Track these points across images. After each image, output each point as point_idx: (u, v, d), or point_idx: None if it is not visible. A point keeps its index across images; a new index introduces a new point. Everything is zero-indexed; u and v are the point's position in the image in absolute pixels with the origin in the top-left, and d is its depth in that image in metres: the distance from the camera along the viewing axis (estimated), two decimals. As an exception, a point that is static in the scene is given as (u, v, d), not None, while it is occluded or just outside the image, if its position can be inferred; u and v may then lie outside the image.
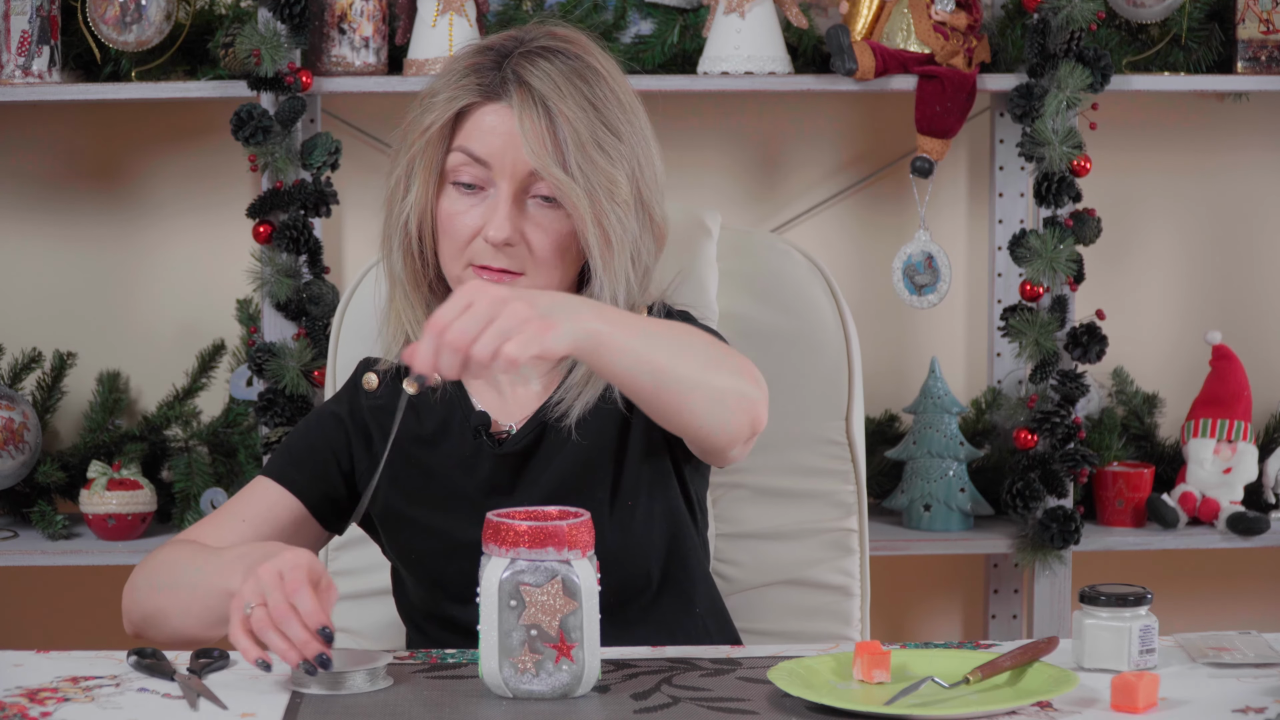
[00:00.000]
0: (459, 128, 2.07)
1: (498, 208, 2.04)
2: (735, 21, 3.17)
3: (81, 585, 3.50)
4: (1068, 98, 3.16)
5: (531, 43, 2.08)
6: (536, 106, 2.03)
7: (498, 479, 2.12)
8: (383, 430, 2.12)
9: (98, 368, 3.43)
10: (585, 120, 2.03)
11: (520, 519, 1.82)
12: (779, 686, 1.81)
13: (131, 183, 3.45)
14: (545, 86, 2.03)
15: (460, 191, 2.07)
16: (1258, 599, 3.64)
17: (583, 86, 2.05)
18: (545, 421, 2.12)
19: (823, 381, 2.42)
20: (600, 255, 2.05)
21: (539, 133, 2.02)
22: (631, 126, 2.08)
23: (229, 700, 1.82)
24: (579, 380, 2.10)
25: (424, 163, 2.07)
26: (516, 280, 2.06)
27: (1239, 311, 3.59)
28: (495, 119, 2.05)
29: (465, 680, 1.87)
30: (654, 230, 2.11)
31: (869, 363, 3.30)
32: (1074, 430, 3.24)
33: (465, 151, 2.06)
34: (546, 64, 2.05)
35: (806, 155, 3.52)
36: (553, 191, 2.04)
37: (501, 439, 2.13)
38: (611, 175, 2.04)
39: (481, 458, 2.12)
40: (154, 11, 3.15)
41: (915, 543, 3.30)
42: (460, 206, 2.07)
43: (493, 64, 2.06)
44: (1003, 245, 3.39)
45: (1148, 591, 1.92)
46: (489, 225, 2.04)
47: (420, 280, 2.12)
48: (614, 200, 2.04)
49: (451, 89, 2.06)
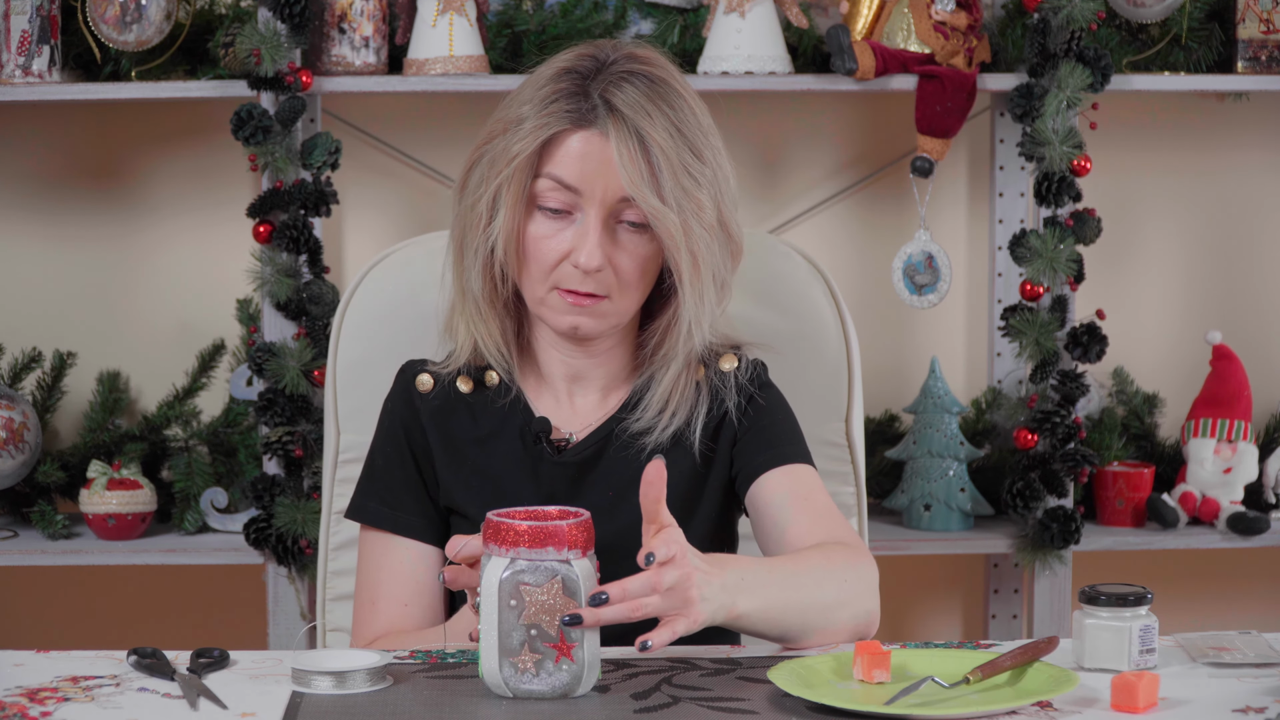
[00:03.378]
0: (546, 154, 2.07)
1: (588, 235, 2.06)
2: (735, 21, 3.17)
3: (81, 585, 3.50)
4: (1068, 97, 3.16)
5: (614, 66, 2.08)
6: (630, 134, 2.04)
7: (555, 488, 2.14)
8: (439, 432, 2.16)
9: (98, 368, 3.43)
10: (674, 146, 2.05)
11: (520, 518, 1.82)
12: (779, 686, 1.81)
13: (131, 183, 3.45)
14: (635, 113, 2.05)
15: (547, 216, 2.08)
16: (1258, 599, 3.64)
17: (668, 110, 2.07)
18: (609, 437, 2.15)
19: (822, 383, 2.42)
20: (689, 278, 2.08)
21: (634, 161, 2.04)
22: (712, 148, 2.10)
23: (229, 700, 1.82)
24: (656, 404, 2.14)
25: (511, 190, 2.07)
26: (600, 303, 2.08)
27: (1239, 311, 3.59)
28: (585, 146, 2.06)
29: (465, 680, 1.87)
30: (731, 246, 2.14)
31: (869, 363, 3.30)
32: (1074, 430, 3.24)
33: (554, 179, 2.07)
34: (632, 88, 2.06)
35: (806, 155, 3.52)
36: (644, 217, 2.06)
37: (561, 446, 2.15)
38: (699, 199, 2.07)
39: (541, 464, 2.15)
40: (154, 11, 3.15)
41: (915, 543, 3.30)
42: (547, 230, 2.08)
43: (578, 89, 2.07)
44: (1003, 245, 3.39)
45: (1148, 591, 1.92)
46: (579, 252, 2.06)
47: (496, 298, 2.15)
48: (702, 224, 2.07)
49: (539, 116, 2.06)
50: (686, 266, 2.07)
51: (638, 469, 2.12)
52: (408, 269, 2.45)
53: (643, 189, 2.03)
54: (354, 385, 2.43)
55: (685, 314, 2.10)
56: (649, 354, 2.17)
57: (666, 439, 2.15)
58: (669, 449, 2.15)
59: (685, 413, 2.15)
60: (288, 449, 3.14)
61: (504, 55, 3.24)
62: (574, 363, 2.17)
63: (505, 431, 2.17)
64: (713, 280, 2.10)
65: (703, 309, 2.10)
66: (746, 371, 2.19)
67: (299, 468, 3.16)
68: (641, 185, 2.03)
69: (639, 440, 2.15)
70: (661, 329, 2.15)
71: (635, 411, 2.15)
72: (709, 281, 2.10)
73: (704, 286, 2.09)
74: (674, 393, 2.15)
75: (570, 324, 2.10)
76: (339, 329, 2.44)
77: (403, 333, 2.41)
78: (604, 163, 2.05)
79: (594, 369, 2.18)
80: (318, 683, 1.85)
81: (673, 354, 2.13)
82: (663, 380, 2.15)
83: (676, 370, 2.14)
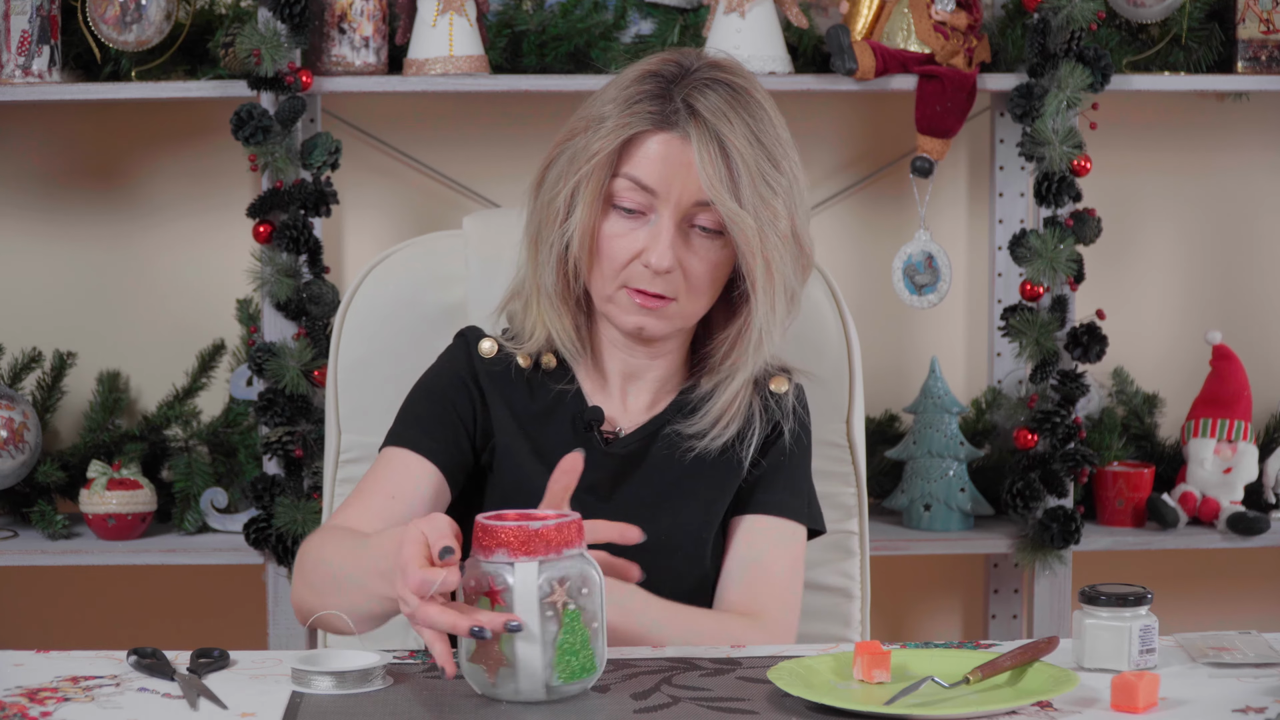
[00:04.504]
0: (625, 154, 2.09)
1: (660, 236, 2.08)
2: (735, 21, 3.17)
3: (81, 585, 3.50)
4: (1068, 97, 3.16)
5: (698, 73, 2.10)
6: (711, 138, 2.06)
7: (598, 476, 2.15)
8: (497, 394, 2.17)
9: (98, 368, 3.43)
10: (752, 153, 2.07)
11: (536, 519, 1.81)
12: (779, 686, 1.81)
13: (131, 183, 3.45)
14: (717, 118, 2.06)
15: (622, 215, 2.10)
16: (1258, 599, 3.64)
17: (749, 119, 2.08)
18: (657, 435, 2.18)
19: (823, 384, 2.42)
20: (762, 287, 2.10)
21: (715, 164, 2.05)
22: (789, 160, 2.12)
23: (229, 700, 1.82)
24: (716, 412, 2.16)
25: (589, 187, 2.09)
26: (667, 306, 2.10)
27: (1239, 311, 3.59)
28: (666, 148, 2.07)
29: (465, 680, 1.87)
30: (803, 260, 2.15)
31: (869, 363, 3.30)
32: (1074, 430, 3.24)
33: (632, 179, 2.09)
34: (715, 95, 2.08)
35: (806, 155, 3.47)
36: (720, 223, 2.08)
37: (610, 439, 2.18)
38: (775, 208, 2.08)
39: (590, 452, 2.13)
40: (154, 11, 3.15)
41: (915, 543, 3.30)
42: (621, 229, 2.10)
43: (661, 92, 2.08)
44: (1003, 245, 3.39)
45: (1148, 591, 1.92)
46: (651, 252, 2.08)
47: (569, 294, 2.17)
48: (777, 232, 2.09)
49: (622, 116, 2.08)
50: (760, 273, 2.09)
51: (681, 473, 2.17)
52: (409, 269, 2.45)
53: (721, 192, 2.05)
54: (355, 385, 2.43)
55: (757, 322, 2.12)
56: (717, 362, 2.19)
57: (715, 449, 2.17)
58: (715, 458, 2.17)
59: (736, 426, 2.17)
60: (288, 449, 3.14)
61: (504, 55, 3.24)
62: (633, 362, 2.19)
63: (558, 414, 2.19)
64: (784, 291, 2.12)
65: (774, 319, 2.12)
66: (797, 395, 2.23)
67: (299, 468, 3.16)
68: (720, 188, 2.05)
69: (687, 443, 2.17)
70: (731, 338, 2.17)
71: (690, 416, 2.18)
72: (780, 291, 2.11)
73: (776, 295, 2.11)
74: (734, 404, 2.17)
75: (636, 324, 2.12)
76: (340, 329, 2.44)
77: (404, 333, 2.41)
78: (683, 165, 2.07)
79: (649, 370, 2.20)
80: (318, 683, 1.85)
81: (742, 363, 2.15)
82: (726, 389, 2.17)
83: (741, 381, 2.16)
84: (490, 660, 1.79)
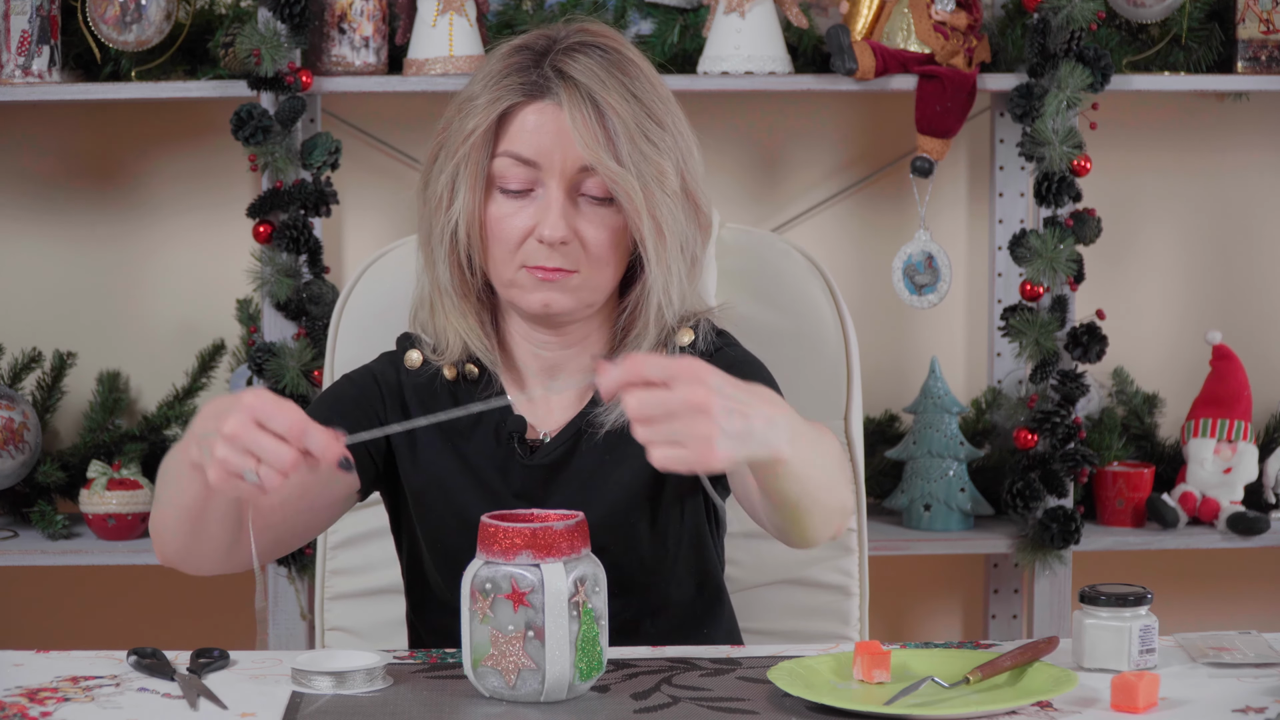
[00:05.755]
0: (502, 131, 2.03)
1: (550, 207, 2.02)
2: (735, 21, 3.17)
3: (81, 585, 3.50)
4: (1068, 97, 3.16)
5: (566, 39, 2.05)
6: (584, 100, 2.00)
7: (529, 488, 2.09)
8: (421, 407, 2.09)
9: (98, 368, 3.43)
10: (631, 111, 2.01)
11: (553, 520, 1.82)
12: (779, 686, 1.81)
13: (131, 183, 3.45)
14: (590, 80, 2.01)
15: (508, 196, 2.04)
16: (1258, 599, 3.64)
17: (624, 79, 2.03)
18: (580, 432, 2.10)
19: (821, 382, 2.42)
20: (654, 247, 2.03)
21: (590, 126, 2.00)
22: (673, 116, 2.06)
23: (229, 700, 1.82)
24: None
25: (469, 169, 2.04)
26: (569, 278, 2.03)
27: (1239, 311, 3.59)
28: (540, 117, 2.02)
29: (465, 680, 1.87)
30: (699, 219, 2.09)
31: (869, 362, 3.30)
32: (1074, 430, 3.24)
33: (512, 155, 2.03)
34: (586, 58, 2.02)
35: (806, 155, 3.52)
36: (605, 187, 2.02)
37: (535, 447, 2.11)
38: (660, 165, 2.03)
39: (512, 464, 2.10)
40: (154, 11, 3.15)
41: (915, 542, 3.30)
42: (509, 209, 2.04)
43: (531, 62, 2.03)
44: (1003, 245, 3.39)
45: (1148, 591, 1.92)
46: (543, 225, 2.02)
47: (469, 290, 2.10)
48: (664, 190, 2.03)
49: (491, 91, 2.03)
50: (650, 233, 2.03)
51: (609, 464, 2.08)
52: (404, 267, 2.44)
53: (600, 153, 2.00)
54: (353, 385, 2.42)
55: (654, 285, 2.05)
56: (620, 335, 2.11)
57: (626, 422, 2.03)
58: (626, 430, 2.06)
59: None
60: (288, 449, 3.13)
61: (504, 55, 3.24)
62: (548, 355, 2.12)
63: (481, 426, 2.11)
64: (680, 251, 2.05)
65: (671, 280, 2.05)
66: (706, 340, 2.12)
67: (299, 468, 3.15)
68: (598, 149, 2.00)
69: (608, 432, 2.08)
70: (631, 305, 2.10)
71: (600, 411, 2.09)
72: (675, 251, 2.05)
73: (670, 256, 2.04)
74: None
75: (541, 300, 2.04)
76: (336, 328, 2.45)
77: (399, 330, 2.40)
78: (560, 133, 2.01)
79: (569, 360, 2.12)
80: (317, 683, 1.85)
81: (644, 333, 2.08)
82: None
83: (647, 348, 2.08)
84: (508, 663, 1.79)
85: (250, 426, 1.70)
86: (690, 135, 2.08)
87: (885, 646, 1.90)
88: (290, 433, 1.70)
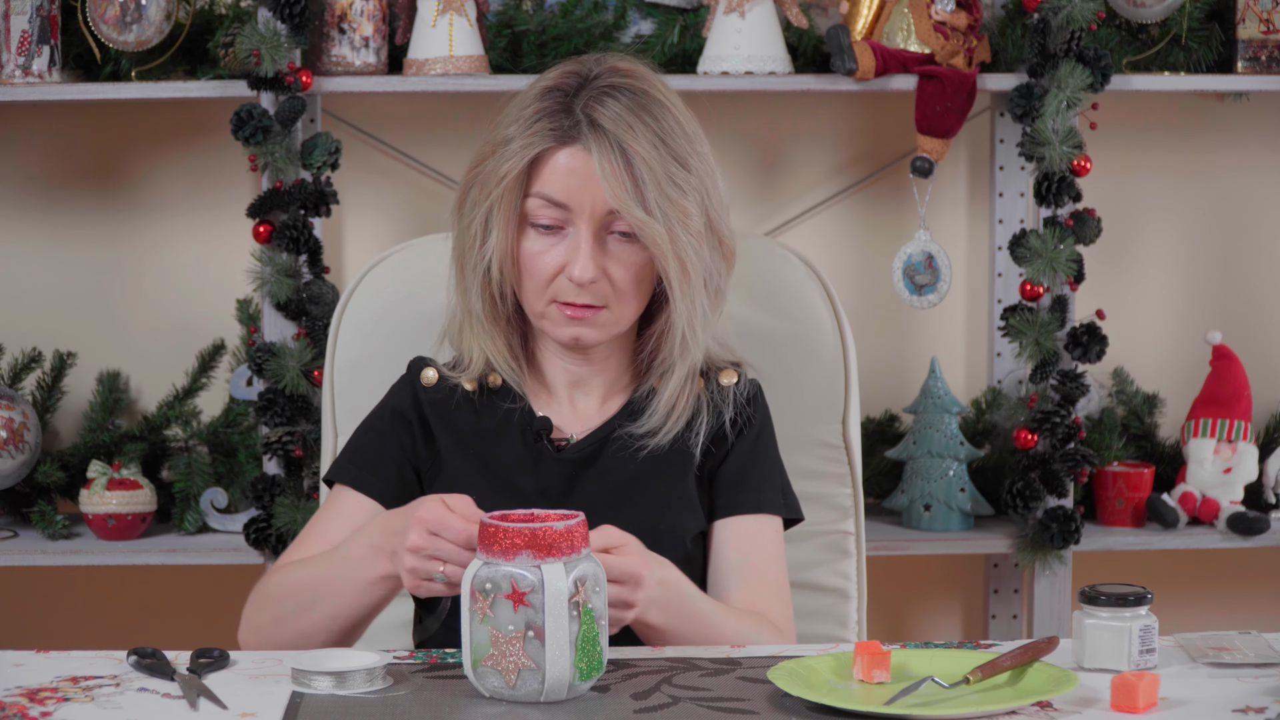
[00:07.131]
0: (535, 173, 2.11)
1: (579, 248, 2.10)
2: (735, 21, 3.17)
3: (81, 585, 3.50)
4: (1068, 98, 3.16)
5: (596, 81, 2.12)
6: (613, 148, 2.08)
7: (552, 484, 2.17)
8: (441, 420, 2.20)
9: (98, 368, 3.43)
10: (658, 157, 2.09)
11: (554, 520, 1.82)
12: (779, 686, 1.81)
13: (131, 183, 3.45)
14: (617, 127, 2.08)
15: (540, 233, 2.12)
16: (1258, 599, 3.64)
17: (651, 122, 2.10)
18: (609, 436, 2.19)
19: (819, 385, 2.42)
20: (679, 285, 2.12)
21: (617, 174, 2.07)
22: (698, 155, 2.13)
23: (229, 700, 1.82)
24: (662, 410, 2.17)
25: (503, 209, 2.12)
26: (598, 314, 2.13)
27: (1239, 311, 3.59)
28: (571, 162, 2.09)
29: (465, 680, 1.87)
30: (723, 251, 2.17)
31: (869, 363, 3.30)
32: (1074, 430, 3.24)
33: (544, 197, 2.11)
34: (615, 103, 2.10)
35: (806, 155, 3.52)
36: (631, 229, 2.10)
37: (561, 446, 2.19)
38: (685, 208, 2.10)
39: (541, 461, 2.17)
40: (154, 11, 3.15)
41: (915, 543, 3.30)
42: (541, 246, 2.12)
43: (561, 107, 2.10)
44: (1003, 245, 3.39)
45: (1148, 591, 1.92)
46: (573, 265, 2.10)
47: (499, 316, 2.19)
48: (689, 231, 2.11)
49: (525, 136, 2.11)
50: (675, 273, 2.11)
51: (635, 471, 2.17)
52: (406, 270, 2.46)
53: (627, 201, 2.07)
54: (352, 385, 2.43)
55: (678, 320, 2.14)
56: (646, 362, 2.22)
57: (666, 444, 2.18)
58: (666, 453, 2.18)
59: (685, 419, 2.19)
60: (287, 449, 3.14)
61: (504, 55, 3.24)
62: (575, 370, 2.22)
63: (507, 430, 2.20)
64: (704, 286, 2.14)
65: (695, 314, 2.14)
66: (745, 390, 2.23)
67: (299, 468, 3.16)
68: (626, 198, 2.07)
69: (639, 442, 2.18)
70: (656, 335, 2.19)
71: (638, 417, 2.19)
72: (700, 287, 2.13)
73: (694, 292, 2.13)
74: (679, 401, 2.18)
75: (571, 335, 2.14)
76: (336, 330, 2.45)
77: (401, 333, 2.41)
78: (589, 178, 2.09)
79: (594, 375, 2.22)
80: (317, 683, 1.85)
81: (670, 361, 2.17)
82: (667, 388, 2.18)
83: (680, 379, 2.17)
84: (509, 663, 1.79)
85: (428, 537, 1.93)
86: (715, 169, 2.16)
87: (885, 646, 1.91)
88: (459, 538, 1.92)
